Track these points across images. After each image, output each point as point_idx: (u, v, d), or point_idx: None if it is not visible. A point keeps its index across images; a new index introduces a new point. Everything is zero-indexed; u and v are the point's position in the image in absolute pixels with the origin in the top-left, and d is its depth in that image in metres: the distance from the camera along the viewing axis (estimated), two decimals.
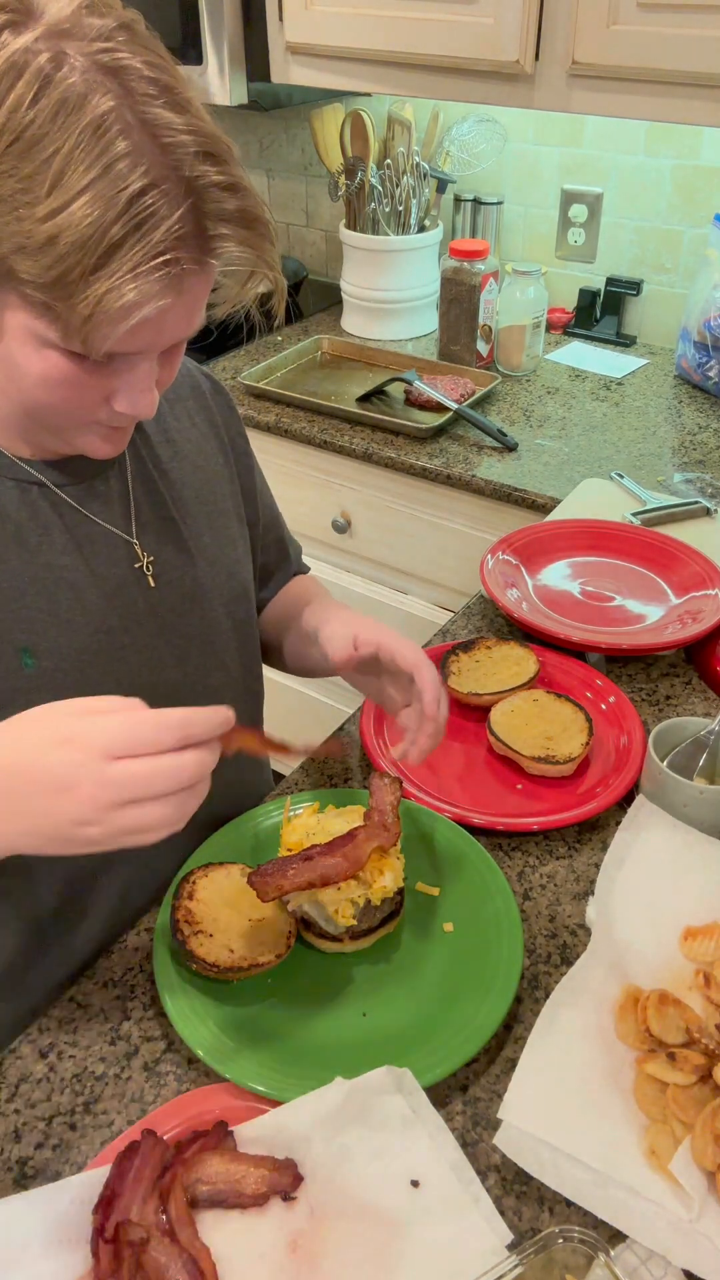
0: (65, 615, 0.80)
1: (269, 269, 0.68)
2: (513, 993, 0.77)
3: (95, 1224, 0.63)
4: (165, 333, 0.66)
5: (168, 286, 0.61)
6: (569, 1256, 0.60)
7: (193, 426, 0.94)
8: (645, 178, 1.91)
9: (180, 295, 0.63)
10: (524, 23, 1.49)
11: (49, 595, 0.79)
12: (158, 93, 0.60)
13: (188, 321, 0.67)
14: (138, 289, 0.59)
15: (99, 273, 0.59)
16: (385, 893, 0.81)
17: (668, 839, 0.89)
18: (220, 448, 0.97)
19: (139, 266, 0.59)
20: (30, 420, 0.74)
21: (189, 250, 0.61)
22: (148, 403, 0.70)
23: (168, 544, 0.88)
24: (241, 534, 0.98)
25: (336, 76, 1.73)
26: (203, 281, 0.66)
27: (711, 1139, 0.65)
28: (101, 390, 0.69)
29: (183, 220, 0.60)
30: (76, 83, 0.57)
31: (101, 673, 0.83)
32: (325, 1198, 0.66)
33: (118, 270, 0.59)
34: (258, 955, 0.79)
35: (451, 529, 1.69)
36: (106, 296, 0.59)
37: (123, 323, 0.61)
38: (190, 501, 0.91)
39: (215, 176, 0.61)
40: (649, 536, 1.31)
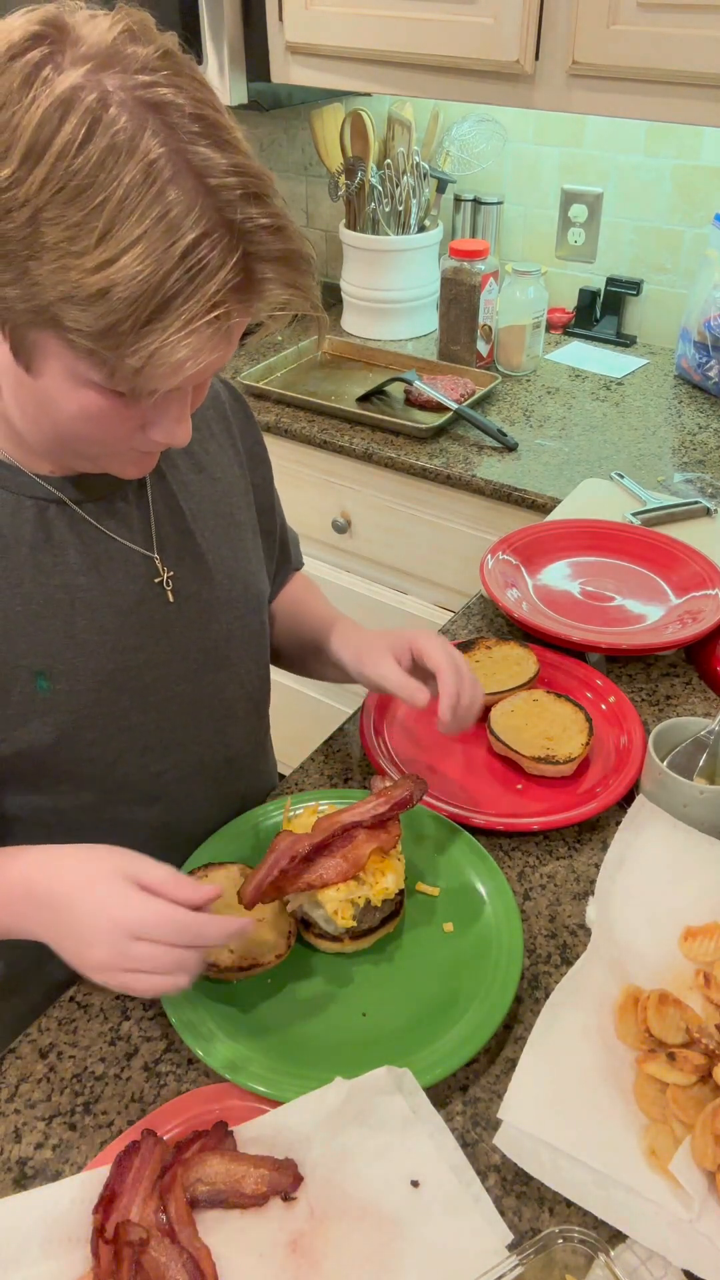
0: (81, 637, 0.79)
1: (313, 309, 0.66)
2: (513, 993, 0.77)
3: (95, 1224, 0.63)
4: (207, 372, 0.65)
5: (220, 339, 0.61)
6: (569, 1256, 0.60)
7: (212, 438, 0.93)
8: (645, 178, 1.91)
9: (229, 344, 0.63)
10: (524, 23, 1.49)
11: (65, 617, 0.79)
12: (202, 130, 0.58)
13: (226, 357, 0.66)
14: (191, 345, 0.59)
15: (151, 325, 0.58)
16: (386, 894, 0.81)
17: (668, 839, 0.89)
18: (237, 459, 0.96)
19: (193, 321, 0.58)
20: (60, 446, 0.73)
21: (239, 299, 0.60)
22: (183, 432, 0.70)
23: (186, 558, 0.87)
24: (255, 545, 0.98)
25: (336, 76, 1.73)
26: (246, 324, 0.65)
27: (711, 1139, 0.65)
28: (137, 421, 0.68)
29: (235, 270, 0.59)
30: (125, 126, 0.56)
31: (116, 691, 0.82)
32: (325, 1198, 0.65)
33: (171, 325, 0.58)
34: (258, 955, 0.79)
35: (451, 529, 1.69)
36: (160, 351, 0.58)
37: (175, 376, 0.61)
38: (208, 515, 0.90)
39: (262, 220, 0.60)
40: (649, 536, 1.31)
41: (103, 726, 0.82)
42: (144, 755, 0.86)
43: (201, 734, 0.91)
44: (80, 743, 0.81)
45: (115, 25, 0.59)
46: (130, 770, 0.86)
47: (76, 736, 0.81)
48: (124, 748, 0.85)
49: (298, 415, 1.78)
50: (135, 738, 0.85)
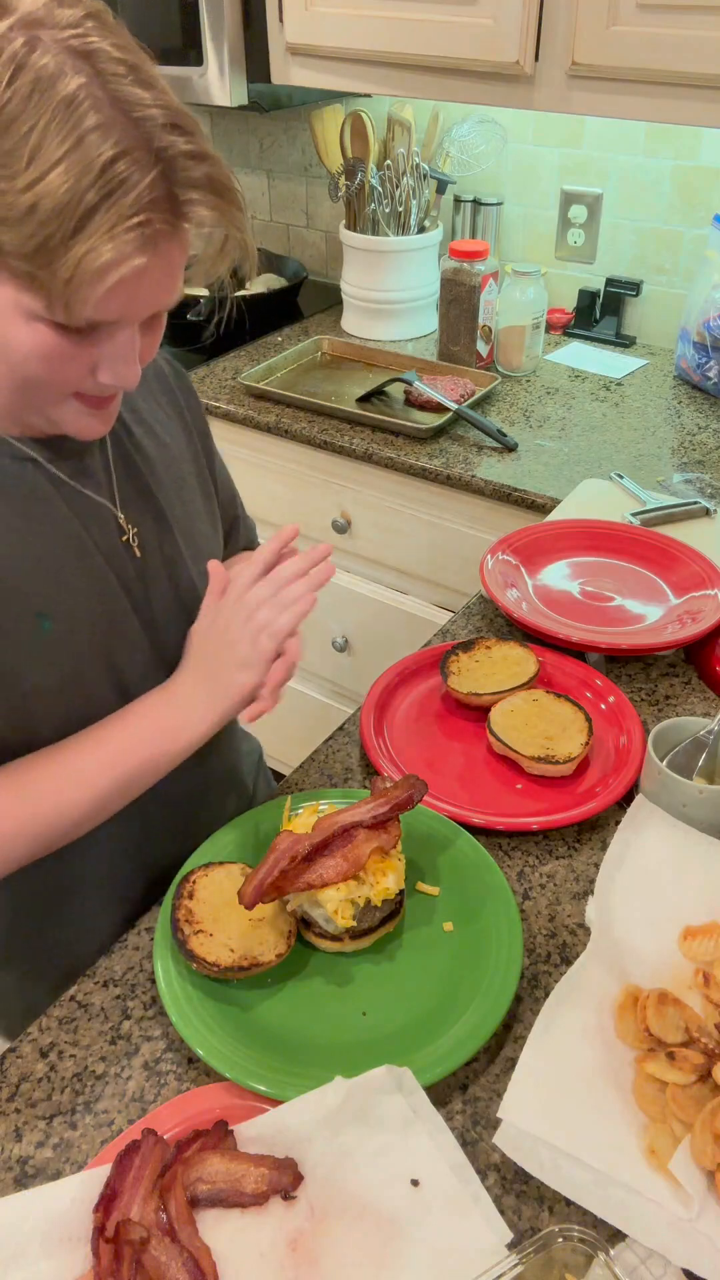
0: (73, 582, 0.84)
1: (239, 231, 0.71)
2: (512, 992, 0.77)
3: (95, 1223, 0.63)
4: (142, 298, 0.69)
5: (142, 246, 0.65)
6: (569, 1256, 0.60)
7: (159, 408, 0.97)
8: (645, 178, 1.92)
9: (155, 255, 0.66)
10: (524, 24, 1.49)
11: (57, 563, 0.83)
12: (126, 71, 0.64)
13: (164, 289, 0.70)
14: (114, 249, 0.63)
15: (77, 236, 0.63)
16: (387, 894, 0.81)
17: (667, 839, 0.89)
18: (184, 429, 1.00)
19: (114, 228, 0.63)
20: (20, 399, 0.75)
21: (161, 213, 0.65)
22: (130, 373, 0.73)
23: (147, 516, 0.91)
24: (208, 509, 1.01)
25: (336, 77, 1.73)
26: (177, 248, 0.68)
27: (711, 1138, 0.66)
28: (86, 362, 0.72)
29: (153, 185, 0.64)
30: (49, 64, 0.62)
31: (108, 633, 0.86)
32: (325, 1197, 0.66)
33: (94, 232, 0.63)
34: (258, 955, 0.79)
35: (451, 529, 1.69)
36: (85, 258, 0.63)
37: (101, 283, 0.65)
38: (162, 476, 0.94)
39: (184, 146, 0.65)
40: (649, 537, 1.31)
41: (102, 667, 0.86)
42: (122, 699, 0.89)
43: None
44: (84, 683, 0.85)
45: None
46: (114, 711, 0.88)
47: (81, 678, 0.85)
48: (125, 687, 0.88)
49: (298, 415, 1.78)
50: (128, 681, 0.89)
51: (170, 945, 0.80)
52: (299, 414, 1.79)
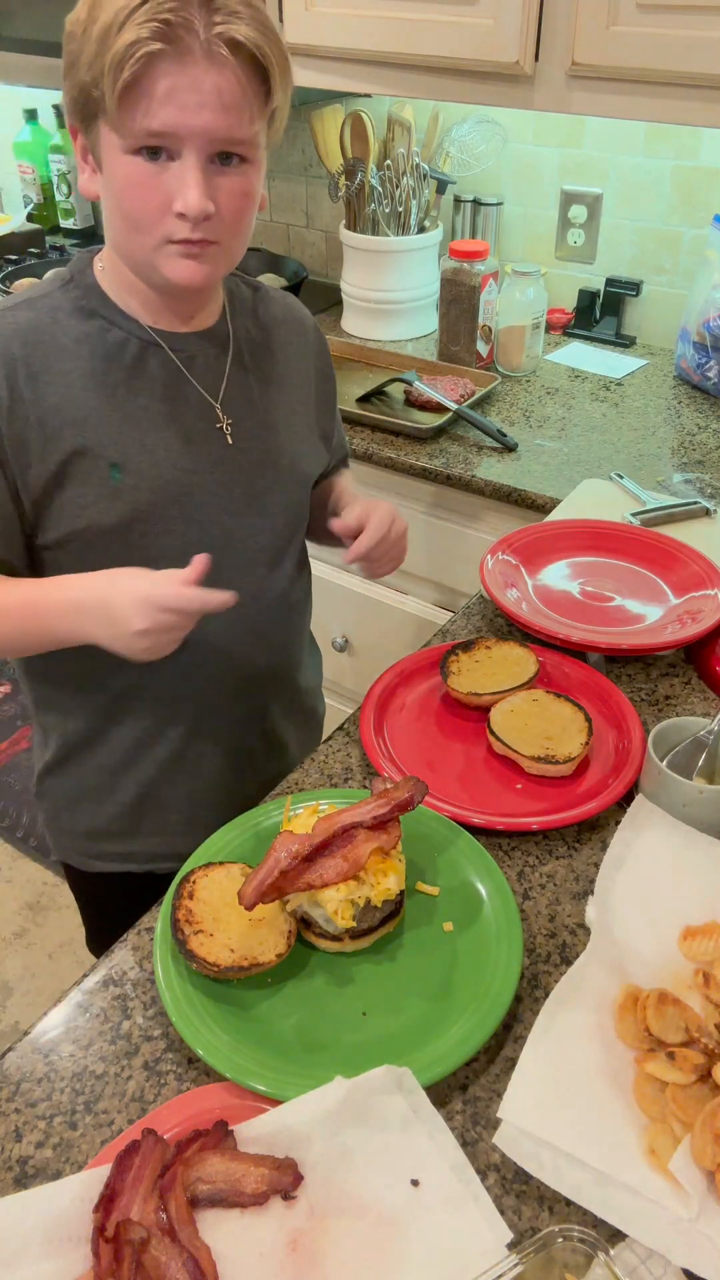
0: (151, 446, 0.97)
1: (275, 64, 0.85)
2: (512, 992, 0.77)
3: (95, 1223, 0.63)
4: (185, 106, 0.82)
5: (161, 35, 0.79)
6: (569, 1255, 0.60)
7: (291, 344, 1.11)
8: (645, 178, 1.92)
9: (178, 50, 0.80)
10: (524, 24, 1.49)
11: (142, 428, 0.97)
12: None
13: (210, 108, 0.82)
14: (135, 32, 0.78)
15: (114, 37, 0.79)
16: (388, 894, 0.81)
17: (667, 839, 0.89)
18: (316, 373, 1.15)
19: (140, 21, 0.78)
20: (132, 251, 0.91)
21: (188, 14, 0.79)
22: (197, 199, 0.85)
23: (247, 418, 1.04)
24: (309, 437, 1.14)
25: (336, 77, 1.73)
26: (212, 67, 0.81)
27: (711, 1138, 0.66)
28: (164, 193, 0.85)
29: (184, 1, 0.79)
30: None
31: (170, 500, 0.98)
32: (325, 1197, 0.66)
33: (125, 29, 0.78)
34: (258, 955, 0.79)
35: (451, 529, 1.69)
36: (114, 50, 0.79)
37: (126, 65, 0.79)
38: (274, 397, 1.07)
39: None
40: (649, 537, 1.31)
41: (154, 524, 0.98)
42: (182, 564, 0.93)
43: (238, 565, 1.05)
44: (134, 533, 0.97)
45: None
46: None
47: (132, 527, 0.97)
48: (167, 550, 0.98)
49: None
50: (178, 544, 0.99)
51: (170, 945, 0.81)
52: None
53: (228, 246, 0.91)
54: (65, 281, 0.98)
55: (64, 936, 2.10)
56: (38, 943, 2.10)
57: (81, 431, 0.94)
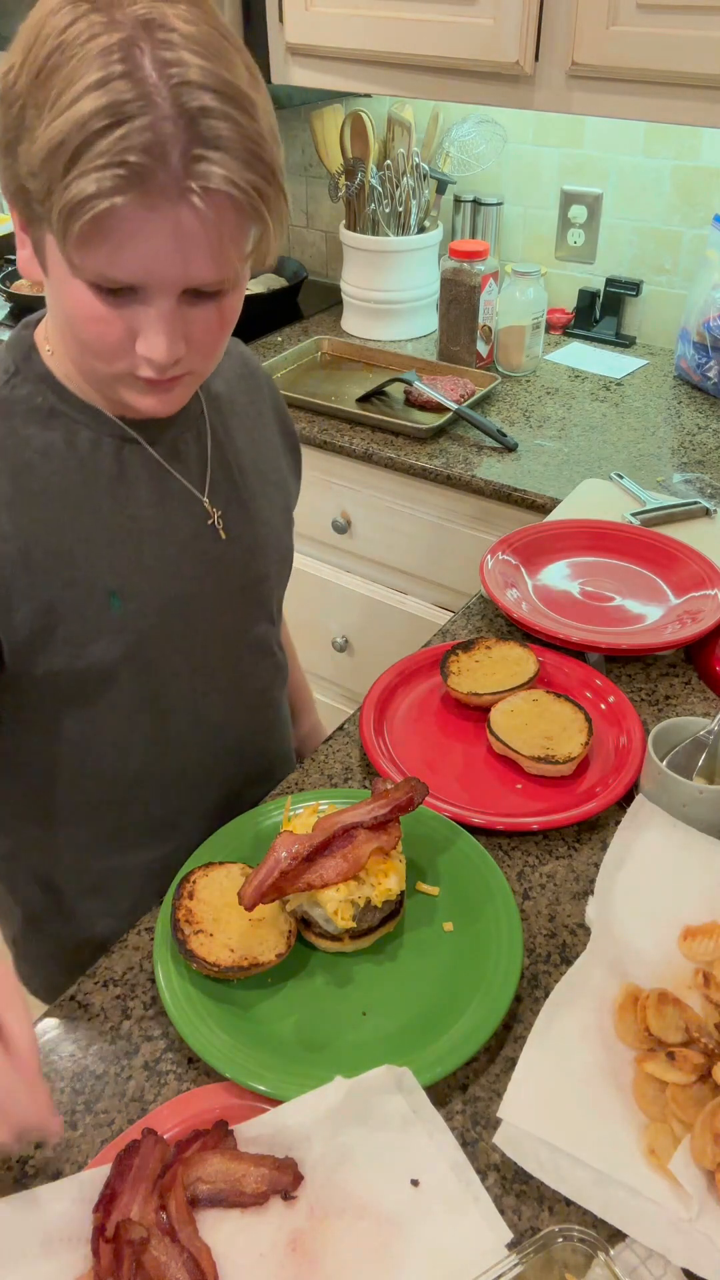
0: (148, 563, 0.87)
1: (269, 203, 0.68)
2: (513, 992, 0.77)
3: (95, 1223, 0.63)
4: (154, 259, 0.67)
5: (127, 185, 0.63)
6: (569, 1255, 0.60)
7: (251, 405, 1.02)
8: (644, 178, 1.92)
9: (145, 202, 0.64)
10: (524, 24, 1.49)
11: (135, 544, 0.86)
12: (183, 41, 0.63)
13: (184, 258, 0.68)
14: (97, 181, 0.62)
15: (69, 172, 0.62)
16: (389, 894, 0.81)
17: (667, 839, 0.89)
18: (278, 427, 1.06)
19: (104, 162, 0.62)
20: (85, 372, 0.80)
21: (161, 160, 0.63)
22: (164, 347, 0.72)
23: (233, 504, 0.95)
24: (286, 510, 1.06)
25: (336, 77, 1.73)
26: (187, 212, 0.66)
27: (711, 1138, 0.66)
28: (125, 330, 0.72)
29: (157, 130, 0.62)
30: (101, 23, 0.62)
31: (173, 615, 0.90)
32: (325, 1197, 0.66)
33: (83, 167, 0.62)
34: (258, 955, 0.79)
35: (451, 529, 1.69)
36: (69, 190, 0.63)
37: (81, 214, 0.63)
38: (252, 471, 0.99)
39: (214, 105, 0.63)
40: (649, 537, 1.31)
41: (161, 647, 0.90)
42: (193, 677, 0.95)
43: (239, 663, 1.01)
44: (141, 661, 0.89)
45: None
46: (183, 691, 0.95)
47: (139, 654, 0.88)
48: (178, 669, 0.93)
49: (298, 416, 1.78)
50: (187, 659, 0.93)
51: (170, 945, 0.80)
52: (299, 414, 1.79)
53: (201, 371, 0.80)
54: (10, 375, 0.83)
55: None
56: None
57: (70, 562, 0.82)
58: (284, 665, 1.11)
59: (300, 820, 0.87)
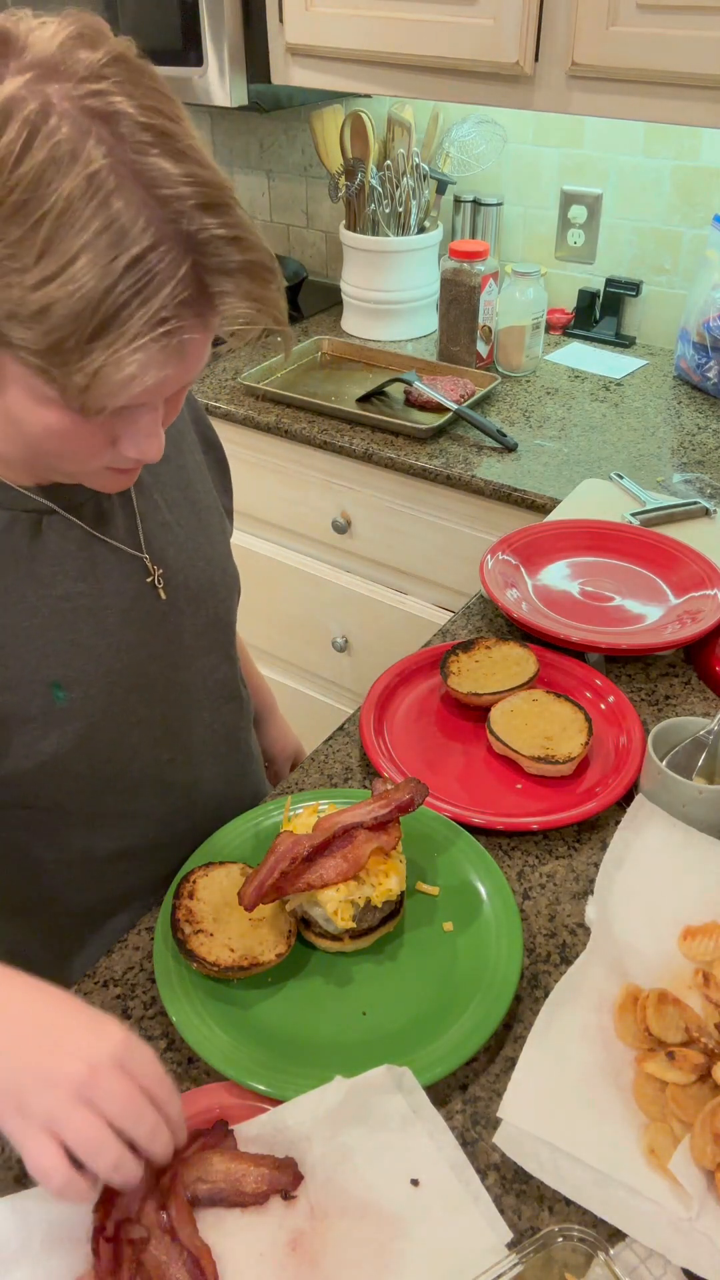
0: (87, 642, 0.80)
1: (275, 322, 0.64)
2: (512, 992, 0.77)
3: (95, 1222, 0.63)
4: (167, 388, 0.64)
5: (172, 355, 0.59)
6: (569, 1255, 0.60)
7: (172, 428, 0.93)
8: (644, 178, 1.92)
9: (183, 361, 0.61)
10: (524, 24, 1.49)
11: (69, 626, 0.79)
12: (153, 139, 0.56)
13: (190, 374, 0.65)
14: (138, 361, 0.57)
15: (95, 342, 0.56)
16: (389, 895, 0.81)
17: (667, 838, 0.89)
18: (202, 446, 0.98)
19: (138, 337, 0.57)
20: (37, 463, 0.73)
21: (192, 313, 0.59)
22: (154, 447, 0.68)
23: (170, 551, 0.88)
24: (221, 527, 0.99)
25: (336, 78, 1.73)
26: (206, 339, 0.63)
27: (711, 1138, 0.66)
28: (106, 437, 0.68)
29: (185, 283, 0.57)
30: (66, 135, 0.54)
31: (125, 690, 0.84)
32: (325, 1196, 0.66)
33: (116, 341, 0.56)
34: (258, 955, 0.79)
35: (451, 529, 1.69)
36: (104, 369, 0.57)
37: (123, 393, 0.60)
38: (180, 503, 0.91)
39: (217, 230, 0.58)
40: (648, 537, 1.31)
41: (117, 725, 0.84)
42: (155, 747, 0.89)
43: (202, 716, 0.95)
44: (99, 745, 0.83)
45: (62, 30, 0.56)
46: (145, 763, 0.89)
47: (94, 739, 0.82)
48: (138, 743, 0.87)
49: (298, 416, 1.78)
50: (146, 731, 0.88)
51: (170, 945, 0.81)
52: (299, 414, 1.79)
53: None
54: None
55: None
56: None
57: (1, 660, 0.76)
58: (247, 700, 1.06)
59: (300, 820, 0.87)
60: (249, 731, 1.07)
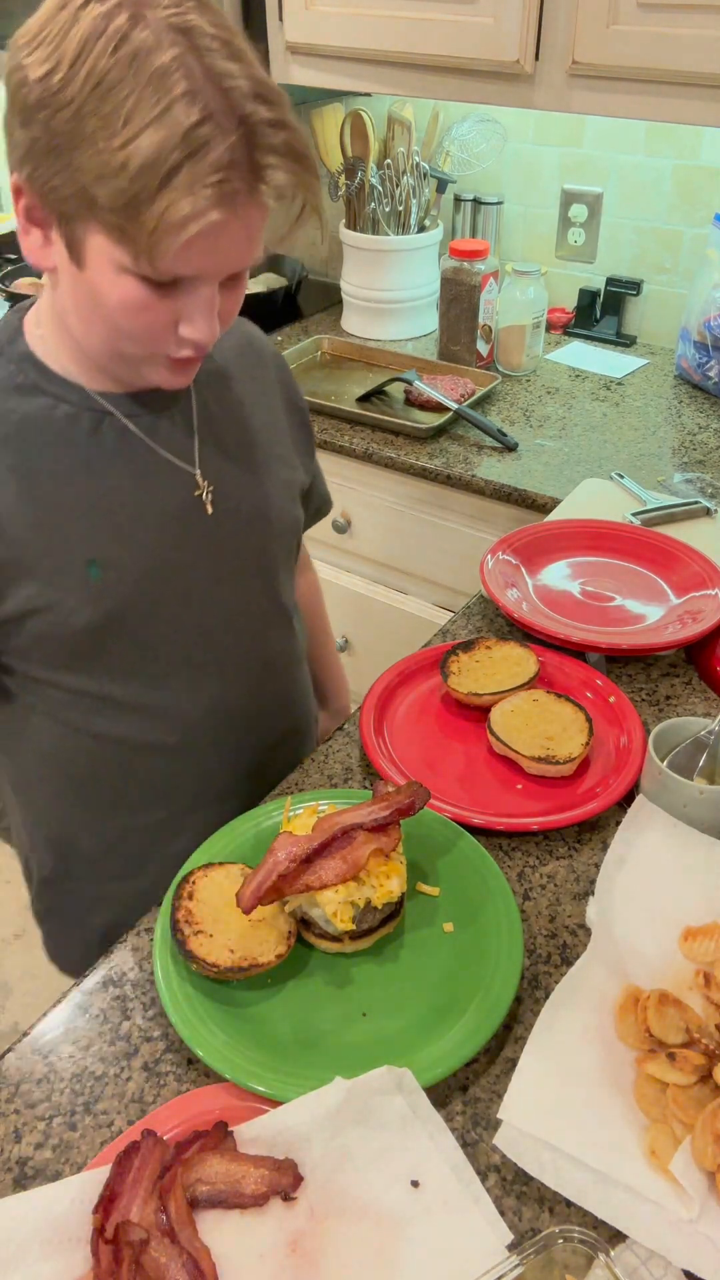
0: (126, 531, 0.90)
1: (313, 196, 0.77)
2: (513, 993, 0.77)
3: (95, 1224, 0.63)
4: (221, 255, 0.75)
5: (220, 203, 0.71)
6: (569, 1256, 0.60)
7: (253, 381, 1.03)
8: (645, 178, 1.91)
9: (233, 213, 0.72)
10: (524, 23, 1.49)
11: (112, 513, 0.89)
12: (219, 46, 0.70)
13: (242, 249, 0.76)
14: (192, 203, 0.69)
15: (161, 191, 0.69)
16: (389, 896, 0.81)
17: (668, 839, 0.89)
18: (284, 405, 1.08)
19: (194, 185, 0.69)
20: (111, 350, 0.82)
21: (239, 174, 0.71)
22: (209, 327, 0.79)
23: (227, 477, 0.97)
24: (289, 477, 1.07)
25: (336, 76, 1.73)
26: (254, 210, 0.74)
27: (712, 1139, 0.65)
28: (170, 315, 0.78)
29: (234, 148, 0.70)
30: (148, 37, 0.68)
31: (157, 585, 0.93)
32: (325, 1198, 0.66)
33: (177, 188, 0.69)
34: (258, 955, 0.79)
35: (451, 529, 1.69)
36: (167, 211, 0.69)
37: (180, 234, 0.70)
38: (242, 442, 1.00)
39: (266, 114, 0.71)
40: (649, 536, 1.31)
41: (144, 616, 0.93)
42: (186, 646, 0.97)
43: (240, 637, 1.02)
44: (125, 628, 0.92)
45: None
46: (174, 659, 0.97)
47: (121, 622, 0.91)
48: (165, 637, 0.95)
49: None
50: (176, 629, 0.96)
51: (170, 945, 0.80)
52: None
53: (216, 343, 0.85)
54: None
55: None
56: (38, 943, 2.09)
57: (46, 529, 0.86)
58: (296, 638, 1.12)
59: (300, 821, 0.87)
60: (293, 664, 1.13)
